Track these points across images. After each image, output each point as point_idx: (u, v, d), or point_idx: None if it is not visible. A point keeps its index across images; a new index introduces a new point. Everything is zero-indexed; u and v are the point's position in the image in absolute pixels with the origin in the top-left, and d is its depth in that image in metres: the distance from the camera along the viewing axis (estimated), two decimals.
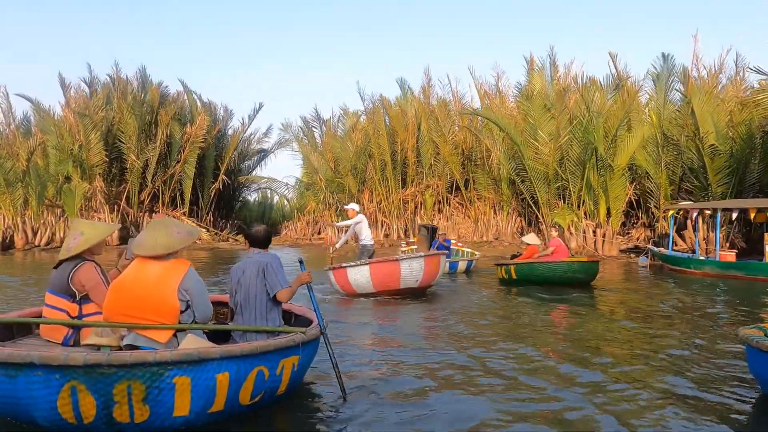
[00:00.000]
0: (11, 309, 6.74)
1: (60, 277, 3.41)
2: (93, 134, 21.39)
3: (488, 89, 22.39)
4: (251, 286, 3.40)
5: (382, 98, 23.87)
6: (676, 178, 14.89)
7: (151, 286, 3.03)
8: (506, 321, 6.51)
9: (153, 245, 3.11)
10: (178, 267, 3.11)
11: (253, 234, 3.61)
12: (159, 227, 3.19)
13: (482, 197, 22.09)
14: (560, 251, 9.09)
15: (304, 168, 27.53)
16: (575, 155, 15.59)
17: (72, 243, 3.45)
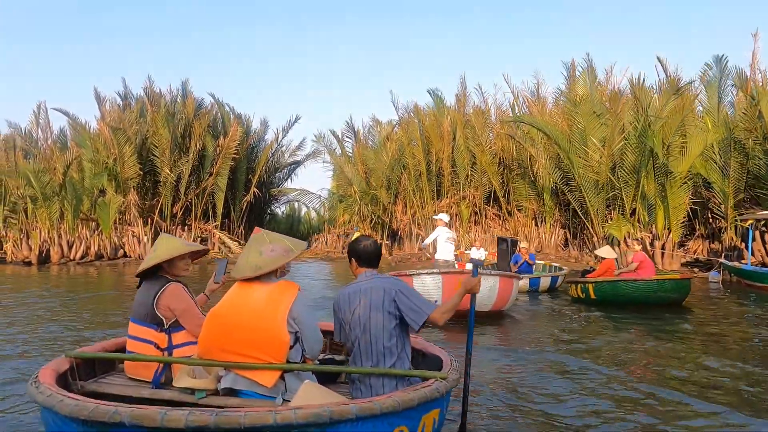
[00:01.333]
0: (76, 332, 6.30)
1: (143, 303, 2.82)
2: (127, 147, 21.30)
3: (527, 96, 21.63)
4: (374, 318, 2.61)
5: (416, 107, 23.32)
6: (741, 185, 13.85)
7: (255, 315, 2.45)
8: (606, 350, 5.73)
9: (243, 266, 2.58)
10: (286, 291, 2.52)
11: (361, 250, 2.80)
12: (252, 245, 2.65)
13: (523, 208, 21.24)
14: (646, 267, 8.05)
15: (335, 180, 27.09)
16: (629, 163, 14.69)
17: (147, 257, 2.97)
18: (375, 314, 2.61)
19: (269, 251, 2.59)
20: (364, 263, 2.80)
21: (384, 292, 2.63)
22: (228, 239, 24.14)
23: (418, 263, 19.71)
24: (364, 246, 2.81)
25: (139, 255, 21.27)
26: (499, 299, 7.23)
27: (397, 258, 21.64)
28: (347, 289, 2.80)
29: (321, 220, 39.81)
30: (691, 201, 15.28)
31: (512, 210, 21.80)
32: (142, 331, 2.79)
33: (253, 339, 2.41)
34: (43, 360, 5.16)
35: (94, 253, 20.56)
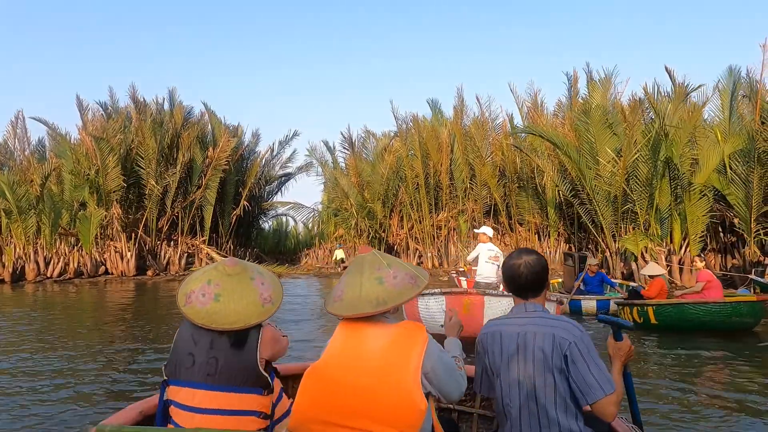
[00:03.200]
0: (59, 362, 5.22)
1: (235, 358, 1.84)
2: (110, 158, 20.16)
3: (530, 106, 21.13)
4: (540, 379, 1.74)
5: (415, 118, 22.66)
6: (759, 198, 13.31)
7: (376, 372, 1.63)
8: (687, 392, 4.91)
9: (354, 299, 1.73)
10: (414, 336, 1.69)
11: (515, 270, 1.87)
12: (364, 270, 1.78)
13: (525, 222, 20.59)
14: (713, 287, 7.00)
15: (328, 193, 26.20)
16: (642, 174, 14.11)
17: (268, 289, 1.94)
18: (540, 373, 1.74)
19: (391, 278, 1.74)
20: (518, 291, 1.89)
21: (553, 343, 1.75)
22: (216, 255, 22.97)
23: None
24: (516, 266, 1.86)
25: (122, 272, 20.03)
26: None
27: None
28: (497, 324, 1.91)
29: (308, 235, 38.87)
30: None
31: (514, 224, 21.15)
32: (238, 400, 1.85)
33: (375, 407, 1.59)
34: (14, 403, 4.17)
35: (73, 270, 19.25)
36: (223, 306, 1.82)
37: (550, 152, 17.81)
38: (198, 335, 1.84)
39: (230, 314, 1.81)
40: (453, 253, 22.61)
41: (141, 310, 10.87)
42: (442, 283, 18.06)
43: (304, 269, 25.58)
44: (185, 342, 1.86)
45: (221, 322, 1.80)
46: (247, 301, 1.84)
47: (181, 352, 1.85)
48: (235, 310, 1.82)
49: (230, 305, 1.83)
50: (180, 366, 1.83)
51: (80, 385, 4.91)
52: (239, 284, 1.86)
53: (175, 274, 21.16)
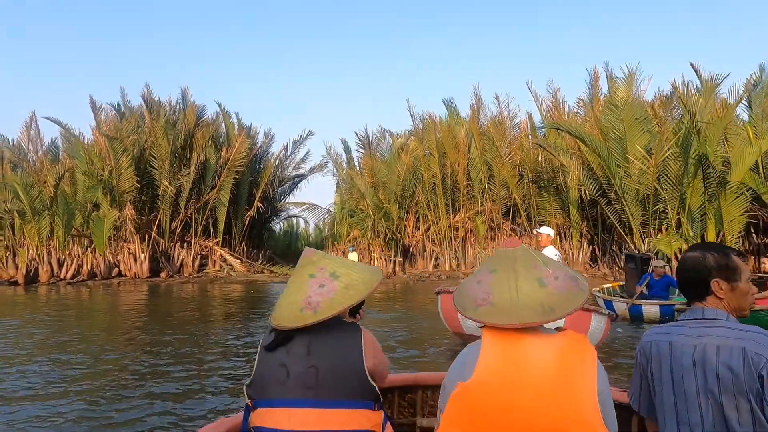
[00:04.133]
0: (74, 369, 4.81)
1: (336, 361, 1.54)
2: (123, 158, 19.93)
3: (551, 104, 20.62)
4: (720, 400, 1.35)
5: (431, 117, 22.24)
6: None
7: (544, 393, 1.25)
8: None
9: (512, 305, 1.31)
10: (583, 351, 1.29)
11: (700, 264, 1.48)
12: (516, 268, 1.35)
13: (546, 222, 20.02)
14: None
15: (340, 194, 25.80)
16: (673, 172, 13.55)
17: (323, 293, 1.61)
18: (730, 397, 1.33)
19: (552, 280, 1.32)
20: (700, 292, 1.49)
21: (744, 359, 1.32)
22: (230, 257, 22.69)
23: (439, 282, 18.37)
24: (712, 259, 1.48)
25: (136, 274, 19.76)
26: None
27: (413, 276, 20.27)
28: (665, 333, 1.51)
29: (320, 237, 38.54)
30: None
31: (534, 225, 20.58)
32: (347, 417, 1.50)
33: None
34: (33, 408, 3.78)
35: (86, 272, 19.02)
36: (281, 300, 1.65)
37: (574, 150, 17.28)
38: (289, 339, 1.58)
39: (277, 310, 1.63)
40: (470, 255, 22.11)
41: (158, 313, 10.52)
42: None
43: None
44: (273, 353, 1.58)
45: (274, 316, 1.61)
46: (290, 300, 1.61)
47: (269, 364, 1.57)
48: (280, 305, 1.63)
49: (281, 300, 1.65)
50: (270, 381, 1.54)
51: (97, 395, 4.52)
52: (295, 278, 1.68)
53: (189, 276, 20.87)
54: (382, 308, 11.03)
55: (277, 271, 23.12)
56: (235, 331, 8.06)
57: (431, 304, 11.38)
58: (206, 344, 6.93)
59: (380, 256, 21.68)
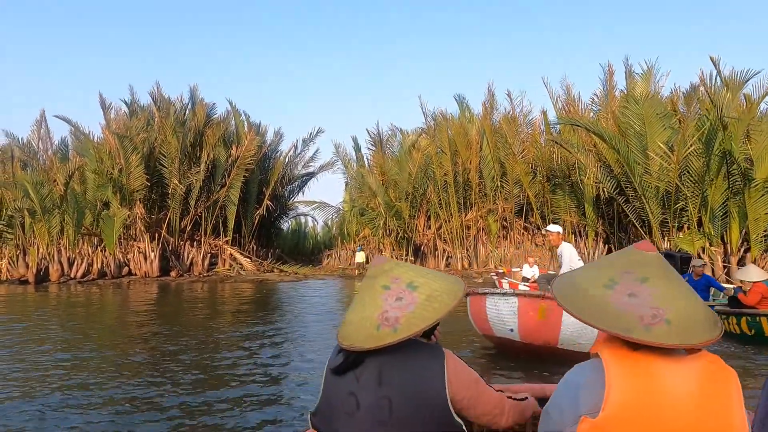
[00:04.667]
0: (83, 372, 4.58)
1: (411, 392, 1.30)
2: (133, 156, 19.81)
3: (563, 101, 20.29)
4: None
5: (443, 114, 21.97)
6: None
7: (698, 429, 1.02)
8: None
9: (691, 321, 1.07)
10: (727, 378, 1.08)
11: None
12: (669, 273, 1.15)
13: (561, 220, 19.71)
14: None
15: (350, 192, 25.59)
16: (696, 169, 13.22)
17: (402, 307, 1.37)
18: None
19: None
20: None
21: None
22: (240, 255, 22.54)
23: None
24: None
25: (146, 273, 19.64)
26: None
27: None
28: None
29: (327, 236, 38.33)
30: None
31: (548, 223, 20.28)
32: None
33: None
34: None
35: (96, 271, 18.91)
36: (350, 315, 1.40)
37: (590, 147, 16.97)
38: (359, 364, 1.33)
39: (346, 327, 1.38)
40: (482, 254, 21.85)
41: (170, 314, 10.33)
42: (475, 285, 17.32)
43: (327, 270, 25.01)
44: (342, 377, 1.34)
45: (343, 335, 1.37)
46: (363, 315, 1.36)
47: (337, 391, 1.35)
48: (350, 321, 1.38)
49: (350, 316, 1.40)
50: (338, 412, 1.33)
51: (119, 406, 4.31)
52: (365, 291, 1.41)
53: (199, 276, 20.73)
54: None
55: (287, 270, 22.95)
56: (252, 333, 7.85)
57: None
58: (224, 348, 6.73)
59: (391, 255, 21.44)
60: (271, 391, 4.57)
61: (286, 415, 3.99)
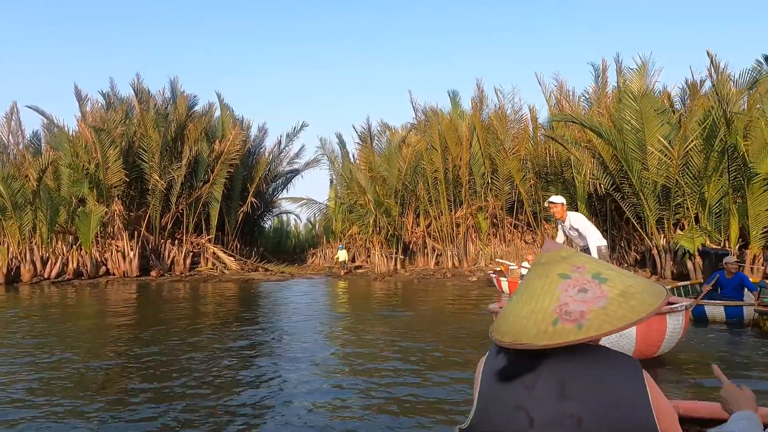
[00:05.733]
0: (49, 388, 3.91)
1: (611, 410, 1.03)
2: (111, 151, 18.90)
3: (557, 97, 20.05)
4: None
5: (434, 109, 21.55)
6: None
7: None
8: None
9: None
10: None
11: None
12: None
13: (552, 218, 19.46)
14: None
15: (339, 189, 24.99)
16: (696, 165, 13.02)
17: (588, 301, 1.11)
18: None
19: None
20: None
21: None
22: (223, 254, 21.79)
23: (444, 279, 17.69)
24: None
25: (125, 272, 18.78)
26: (642, 344, 5.11)
27: (416, 274, 19.56)
28: None
29: (310, 234, 37.74)
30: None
31: (539, 220, 20.04)
32: None
33: None
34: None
35: (72, 271, 17.98)
36: (513, 307, 1.20)
37: (584, 143, 16.70)
38: (529, 370, 1.11)
39: (510, 320, 1.17)
40: (472, 252, 21.51)
41: (149, 316, 9.65)
42: (470, 283, 16.94)
43: (313, 269, 24.42)
44: (506, 386, 1.12)
45: (502, 330, 1.17)
46: (533, 307, 1.15)
47: (500, 403, 1.12)
48: (514, 314, 1.18)
49: (517, 307, 1.19)
50: (500, 430, 1.09)
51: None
52: (538, 279, 1.21)
53: (180, 275, 19.93)
54: (400, 308, 10.32)
55: (273, 269, 22.27)
56: (241, 334, 7.27)
57: (452, 303, 10.72)
58: (211, 351, 6.14)
59: (381, 252, 20.96)
60: (265, 397, 4.03)
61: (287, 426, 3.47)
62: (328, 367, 5.25)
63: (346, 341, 6.72)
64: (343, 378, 4.80)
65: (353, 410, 3.87)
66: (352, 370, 5.12)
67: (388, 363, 5.35)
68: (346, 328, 7.84)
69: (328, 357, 5.73)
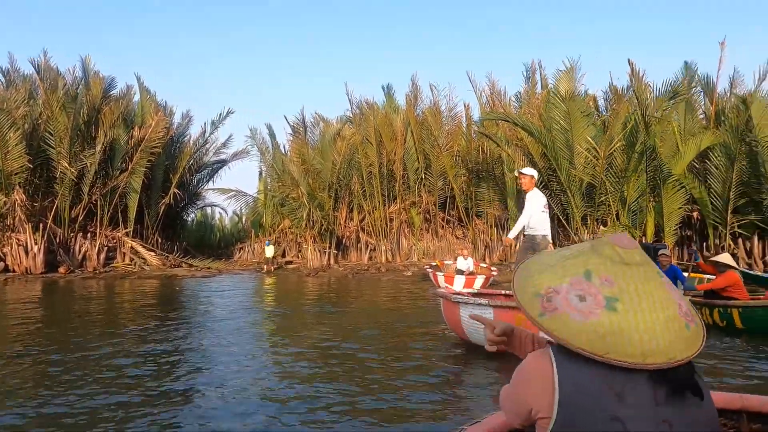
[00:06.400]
0: None
1: (690, 422, 1.01)
2: (12, 133, 16.95)
3: (488, 96, 20.53)
4: None
5: (370, 103, 21.32)
6: (736, 192, 13.29)
7: None
8: None
9: None
10: None
11: None
12: None
13: (483, 214, 19.96)
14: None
15: (268, 181, 24.12)
16: (619, 165, 13.81)
17: (685, 302, 1.05)
18: None
19: None
20: None
21: None
22: (142, 249, 20.28)
23: (379, 274, 17.57)
24: None
25: (27, 269, 16.94)
26: None
27: (350, 270, 19.29)
28: None
29: (235, 228, 36.38)
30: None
31: (471, 216, 20.47)
32: None
33: None
34: None
35: None
36: (624, 319, 1.00)
37: (515, 141, 17.22)
38: (620, 382, 0.99)
39: (636, 338, 0.99)
40: (405, 247, 21.60)
41: (54, 318, 8.66)
42: (405, 278, 16.93)
43: (242, 264, 23.47)
44: (596, 394, 0.99)
45: (633, 352, 0.99)
46: (666, 314, 1.02)
47: (589, 413, 0.99)
48: (648, 329, 1.00)
49: (637, 319, 1.00)
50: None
51: None
52: (646, 283, 1.04)
53: (94, 272, 18.32)
54: (337, 305, 10.01)
55: (198, 264, 21.10)
56: (156, 339, 6.65)
57: (393, 298, 10.53)
58: (129, 357, 5.53)
59: (314, 248, 20.48)
60: (176, 416, 3.61)
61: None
62: (258, 374, 4.76)
63: (279, 343, 6.30)
64: (276, 383, 4.44)
65: (284, 421, 3.53)
66: (285, 374, 4.75)
67: (323, 367, 4.95)
68: (280, 328, 7.42)
69: (257, 362, 5.27)
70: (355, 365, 5.03)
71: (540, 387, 1.05)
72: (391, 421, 3.51)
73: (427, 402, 3.89)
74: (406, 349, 5.79)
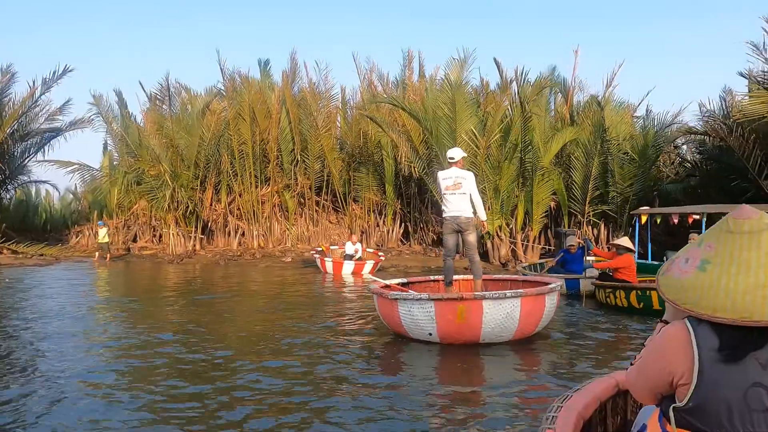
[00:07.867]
0: None
1: None
2: None
3: (369, 80, 20.32)
4: None
5: (244, 76, 19.70)
6: (587, 184, 14.89)
7: None
8: None
9: None
10: None
11: None
12: None
13: (361, 199, 19.79)
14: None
15: (124, 155, 21.01)
16: (495, 156, 14.59)
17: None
18: None
19: None
20: None
21: None
22: None
23: (254, 260, 16.40)
24: None
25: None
26: (524, 324, 5.35)
27: (220, 256, 17.72)
28: None
29: (68, 209, 31.79)
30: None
31: (349, 201, 20.17)
32: None
33: None
34: None
35: None
36: (709, 279, 1.11)
37: (399, 127, 17.26)
38: (759, 347, 1.07)
39: (721, 295, 1.08)
40: (278, 232, 20.56)
41: None
42: (285, 264, 16.04)
43: (81, 250, 20.32)
44: (732, 362, 1.06)
45: (712, 305, 1.08)
46: (757, 281, 1.07)
47: (730, 382, 1.05)
48: (734, 290, 1.08)
49: (721, 280, 1.10)
50: (738, 410, 1.05)
51: None
52: (746, 251, 1.11)
53: None
54: (215, 296, 8.93)
55: (26, 251, 17.63)
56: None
57: (275, 289, 9.65)
58: None
59: (177, 231, 18.40)
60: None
61: None
62: (105, 390, 3.87)
63: (131, 348, 5.20)
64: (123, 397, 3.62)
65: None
66: (135, 386, 3.91)
67: (175, 380, 4.10)
68: (134, 328, 6.22)
69: (105, 375, 4.28)
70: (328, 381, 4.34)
71: (680, 352, 1.09)
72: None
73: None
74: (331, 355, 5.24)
